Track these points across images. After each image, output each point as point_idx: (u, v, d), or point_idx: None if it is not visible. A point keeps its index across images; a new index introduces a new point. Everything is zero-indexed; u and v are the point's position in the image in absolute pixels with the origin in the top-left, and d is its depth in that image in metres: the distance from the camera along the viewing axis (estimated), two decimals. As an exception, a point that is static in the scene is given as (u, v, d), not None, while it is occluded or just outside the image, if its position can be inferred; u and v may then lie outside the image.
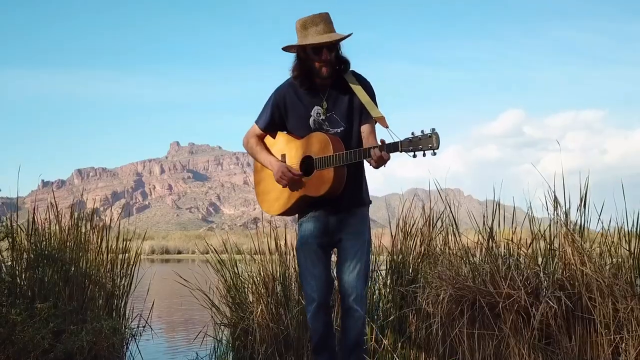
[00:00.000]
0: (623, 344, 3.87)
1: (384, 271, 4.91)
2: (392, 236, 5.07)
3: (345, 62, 3.49)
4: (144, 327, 5.03)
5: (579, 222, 4.30)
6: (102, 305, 4.82)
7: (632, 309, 3.84)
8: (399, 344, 4.60)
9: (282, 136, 3.64)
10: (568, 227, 4.17)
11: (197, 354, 5.53)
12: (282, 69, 3.60)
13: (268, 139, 3.70)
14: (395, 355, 4.52)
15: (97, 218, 5.32)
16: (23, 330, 3.40)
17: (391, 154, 3.15)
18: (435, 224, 4.86)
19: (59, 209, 5.05)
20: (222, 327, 5.29)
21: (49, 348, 3.56)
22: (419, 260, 4.81)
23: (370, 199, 3.66)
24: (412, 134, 3.02)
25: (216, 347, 5.36)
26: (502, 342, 4.08)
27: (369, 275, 3.82)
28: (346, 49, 3.50)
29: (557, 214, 4.32)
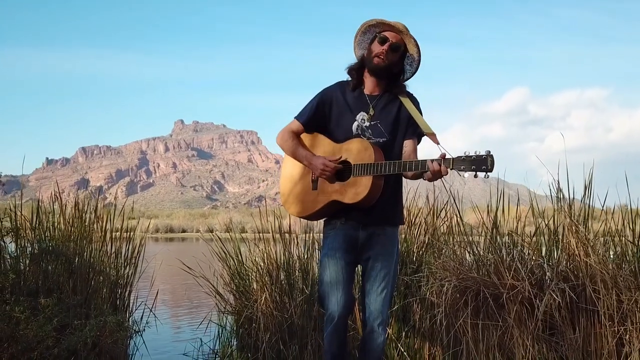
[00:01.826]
0: (627, 336, 3.86)
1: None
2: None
3: (402, 86, 3.45)
4: (147, 320, 5.03)
5: (582, 212, 4.28)
6: (107, 297, 4.82)
7: (636, 301, 3.84)
8: (403, 334, 4.61)
9: (318, 137, 3.51)
10: (572, 218, 4.14)
11: (201, 340, 5.54)
12: (287, 47, 3.44)
13: (305, 139, 3.55)
14: (399, 345, 4.54)
15: (101, 197, 5.31)
16: (27, 327, 3.38)
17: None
18: (439, 214, 4.85)
19: (63, 190, 5.04)
20: (226, 314, 5.30)
21: (52, 344, 3.54)
22: (423, 249, 4.81)
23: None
24: (465, 153, 2.92)
25: (220, 332, 5.37)
26: (506, 332, 4.08)
27: (393, 297, 3.75)
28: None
29: (560, 204, 4.29)
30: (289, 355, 4.65)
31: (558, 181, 4.34)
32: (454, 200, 4.72)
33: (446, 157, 2.99)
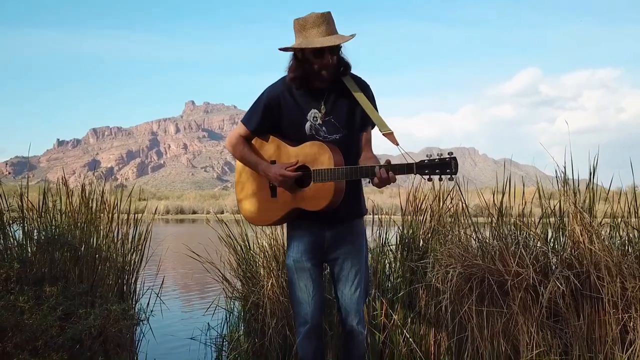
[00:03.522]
0: (631, 323, 3.87)
1: (393, 246, 4.90)
2: (401, 209, 5.07)
3: (347, 65, 3.27)
4: (152, 308, 5.06)
5: (588, 198, 4.27)
6: (112, 284, 4.83)
7: (641, 288, 3.84)
8: (409, 320, 4.62)
9: (273, 141, 3.34)
10: (577, 205, 4.14)
11: (209, 324, 5.59)
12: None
13: (257, 143, 3.39)
14: (405, 331, 4.55)
15: (112, 178, 5.32)
16: (31, 317, 3.39)
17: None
18: (445, 201, 4.84)
19: (73, 171, 5.07)
20: (234, 299, 5.34)
21: (56, 334, 3.53)
22: (429, 236, 4.81)
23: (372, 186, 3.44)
24: (428, 156, 2.85)
25: (228, 317, 5.42)
26: (510, 319, 4.09)
27: (368, 290, 3.65)
28: (357, 13, 3.30)
29: (565, 191, 4.28)
30: (295, 341, 4.66)
31: (564, 167, 4.33)
32: (459, 188, 4.72)
33: (408, 162, 2.91)
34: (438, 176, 2.85)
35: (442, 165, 2.81)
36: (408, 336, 4.55)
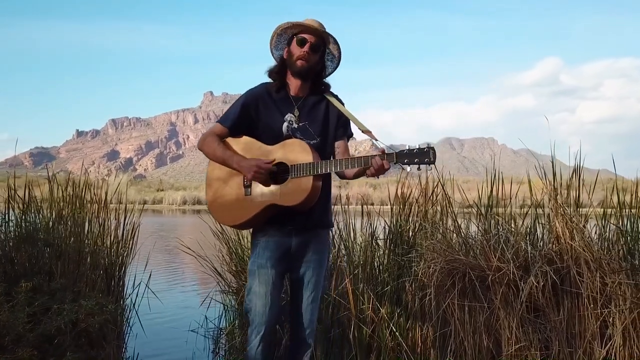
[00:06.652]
0: (610, 318, 3.89)
1: (382, 240, 4.93)
2: (390, 203, 5.08)
3: (326, 85, 3.39)
4: (140, 302, 5.10)
5: (573, 194, 4.29)
6: (97, 279, 4.82)
7: (620, 283, 3.86)
8: (396, 314, 4.65)
9: (248, 141, 3.29)
10: (557, 200, 4.15)
11: (206, 317, 5.66)
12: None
13: (233, 144, 3.32)
14: (391, 325, 4.58)
15: (131, 169, 5.34)
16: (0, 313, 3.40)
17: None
18: (430, 197, 4.86)
19: (93, 162, 5.06)
20: (228, 294, 5.40)
21: (24, 331, 3.51)
22: (416, 230, 4.83)
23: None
24: (407, 147, 2.89)
25: (226, 310, 5.49)
26: (492, 314, 4.11)
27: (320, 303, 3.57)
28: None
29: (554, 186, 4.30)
30: (284, 334, 4.71)
31: (553, 161, 4.36)
32: (442, 185, 4.75)
33: (389, 152, 2.94)
34: (417, 165, 2.87)
35: (421, 155, 2.85)
36: (394, 330, 4.57)
